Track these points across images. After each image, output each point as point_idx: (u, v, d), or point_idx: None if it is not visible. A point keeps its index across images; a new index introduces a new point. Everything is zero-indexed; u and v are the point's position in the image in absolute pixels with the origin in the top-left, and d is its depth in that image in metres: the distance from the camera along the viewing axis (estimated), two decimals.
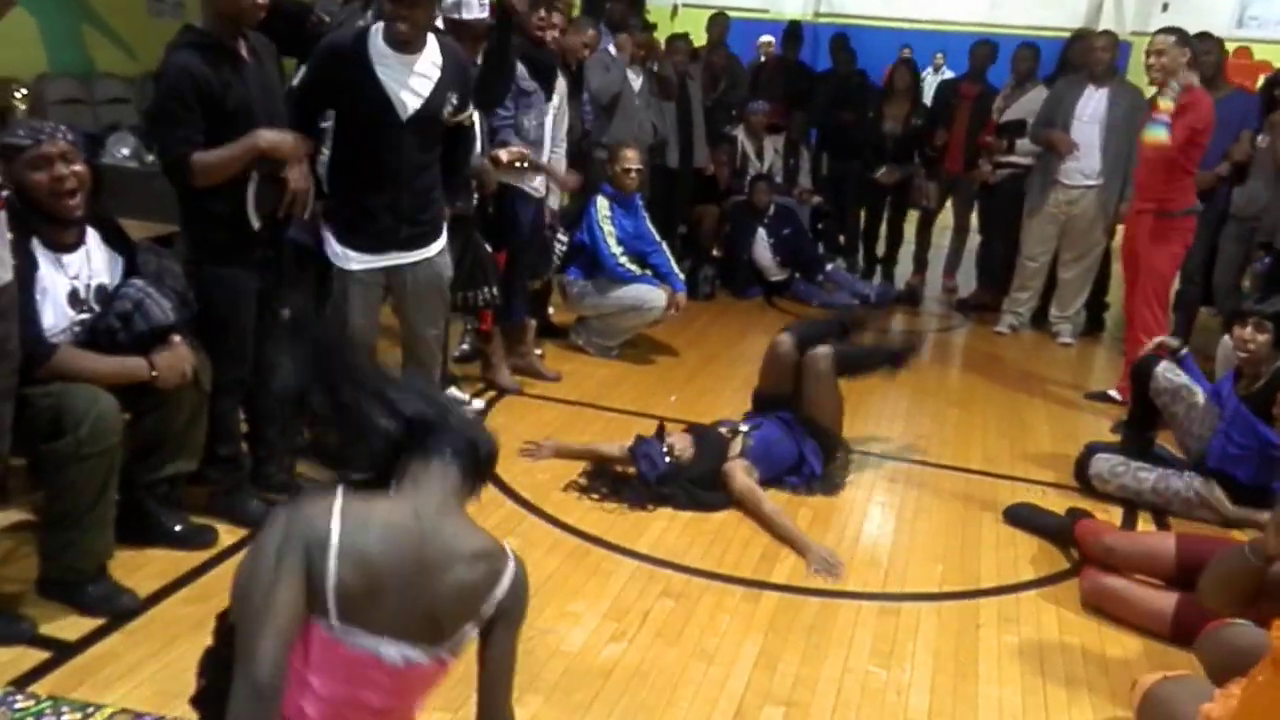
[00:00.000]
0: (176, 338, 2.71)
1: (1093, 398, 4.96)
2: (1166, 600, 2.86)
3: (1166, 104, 4.37)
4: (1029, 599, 3.09)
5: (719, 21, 7.30)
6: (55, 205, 2.54)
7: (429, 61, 3.18)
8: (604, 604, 2.87)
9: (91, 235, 2.70)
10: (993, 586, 3.15)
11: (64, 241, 2.62)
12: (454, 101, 3.30)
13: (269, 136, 2.86)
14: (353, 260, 3.28)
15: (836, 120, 7.18)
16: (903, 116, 6.79)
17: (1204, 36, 5.25)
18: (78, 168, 2.56)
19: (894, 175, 6.82)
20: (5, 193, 2.46)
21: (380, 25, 3.13)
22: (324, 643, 1.46)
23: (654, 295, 4.95)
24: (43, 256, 2.57)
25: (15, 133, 2.54)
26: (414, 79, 3.15)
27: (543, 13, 4.22)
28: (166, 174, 2.89)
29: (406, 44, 3.11)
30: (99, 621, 2.55)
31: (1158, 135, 4.42)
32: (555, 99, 4.49)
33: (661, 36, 6.48)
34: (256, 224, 2.93)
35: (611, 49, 5.50)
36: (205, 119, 2.77)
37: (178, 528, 2.93)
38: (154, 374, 2.65)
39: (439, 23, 3.83)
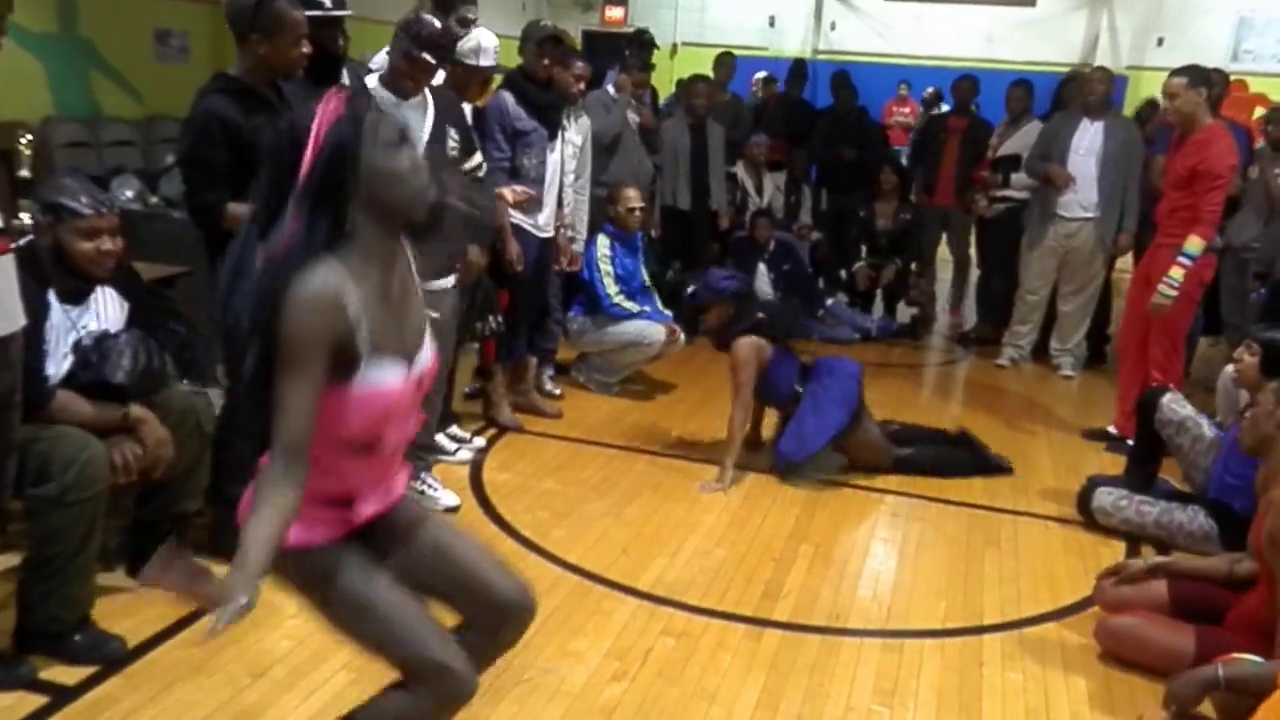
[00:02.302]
0: (137, 413, 2.66)
1: (1091, 436, 4.92)
2: (1185, 637, 2.77)
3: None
4: (1033, 635, 3.07)
5: (725, 63, 7.36)
6: (88, 269, 2.63)
7: (422, 101, 3.36)
8: (605, 643, 2.85)
9: (104, 287, 2.74)
10: (996, 623, 3.13)
11: (77, 293, 2.67)
12: (454, 137, 3.47)
13: None
14: None
15: (836, 156, 7.25)
16: (891, 213, 6.90)
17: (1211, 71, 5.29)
18: (119, 242, 2.68)
19: (874, 275, 6.91)
20: (21, 241, 2.50)
21: (376, 77, 3.31)
22: (356, 394, 1.67)
23: (653, 330, 4.96)
24: (55, 307, 2.62)
25: (77, 198, 2.60)
26: (416, 120, 3.31)
27: (545, 61, 4.30)
28: (194, 217, 2.93)
29: (407, 93, 3.31)
30: (97, 666, 2.53)
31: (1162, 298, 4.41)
32: (578, 138, 4.58)
33: (661, 75, 6.52)
34: None
35: (611, 89, 5.56)
36: (236, 162, 2.83)
37: None
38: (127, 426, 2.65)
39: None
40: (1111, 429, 4.84)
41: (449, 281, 3.48)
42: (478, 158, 3.72)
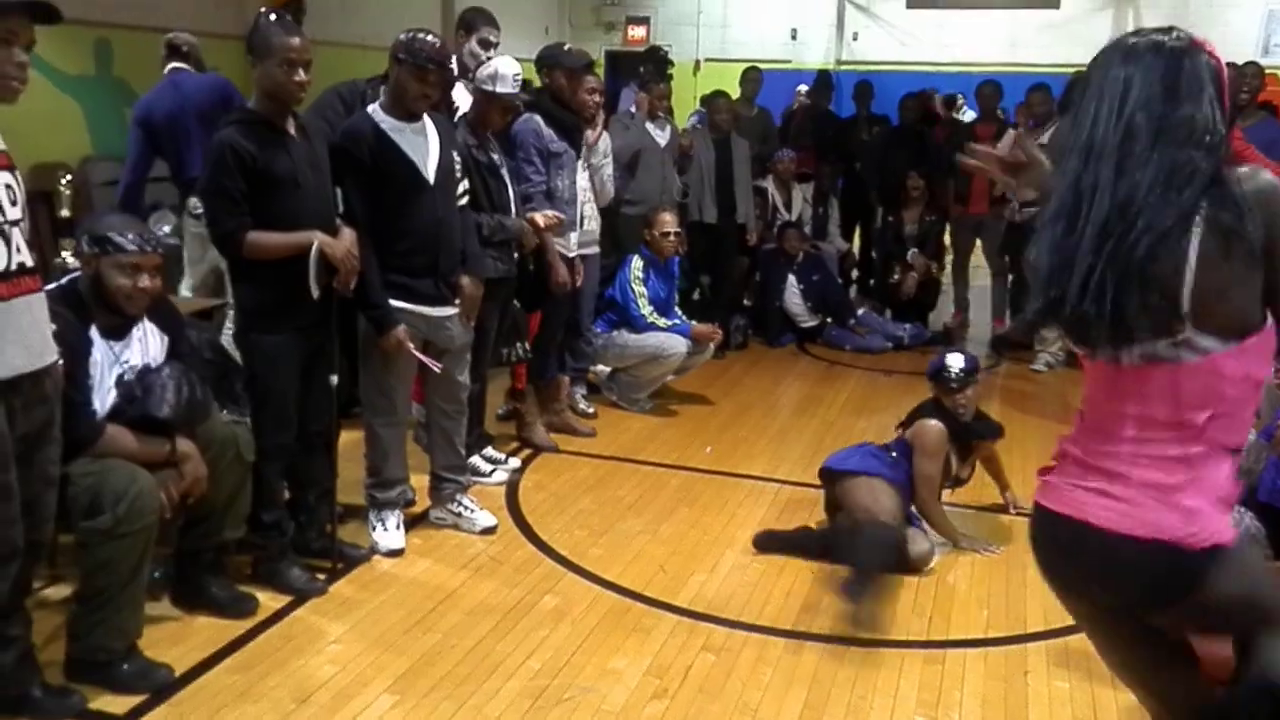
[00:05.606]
0: (183, 447, 2.71)
1: None
2: (1225, 641, 2.75)
3: None
4: (1079, 642, 3.00)
5: (751, 78, 7.33)
6: (123, 305, 2.66)
7: (426, 124, 3.36)
8: (645, 660, 2.85)
9: (145, 321, 2.78)
10: (1041, 631, 3.09)
11: (118, 328, 2.71)
12: (456, 158, 3.49)
13: (326, 241, 2.98)
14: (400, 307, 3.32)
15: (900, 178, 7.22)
16: (917, 218, 6.92)
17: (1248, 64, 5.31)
18: (158, 282, 2.72)
19: (901, 278, 6.88)
20: (63, 280, 2.56)
21: (377, 105, 3.32)
22: None
23: (674, 342, 4.96)
24: (98, 342, 2.66)
25: (124, 234, 2.64)
26: (424, 142, 3.33)
27: (587, 87, 4.37)
28: (217, 245, 3.03)
29: (413, 115, 3.30)
30: (146, 695, 2.57)
31: None
32: (607, 159, 4.64)
33: (685, 92, 6.55)
34: (317, 293, 3.00)
35: (632, 108, 5.60)
36: (252, 189, 2.90)
37: (219, 593, 2.97)
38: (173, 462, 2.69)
39: (466, 93, 3.96)
40: None
41: (450, 310, 3.47)
42: (466, 184, 3.66)
